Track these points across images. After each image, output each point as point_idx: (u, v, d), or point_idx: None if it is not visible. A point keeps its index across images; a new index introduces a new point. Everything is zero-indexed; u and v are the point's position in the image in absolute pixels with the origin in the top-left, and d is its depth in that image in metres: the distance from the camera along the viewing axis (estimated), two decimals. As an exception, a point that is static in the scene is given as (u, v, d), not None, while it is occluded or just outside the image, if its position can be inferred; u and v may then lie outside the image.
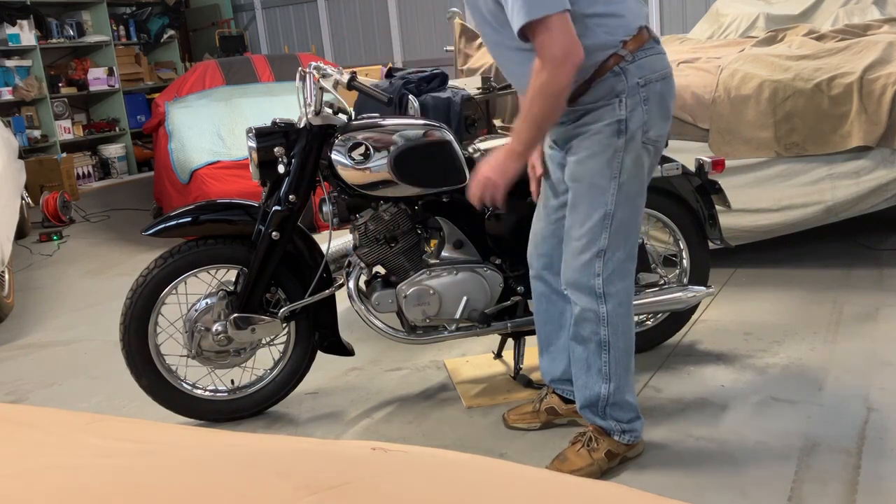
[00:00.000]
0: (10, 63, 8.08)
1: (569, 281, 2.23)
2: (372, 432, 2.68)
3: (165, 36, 9.84)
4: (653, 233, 3.23)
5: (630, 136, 2.09)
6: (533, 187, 2.48)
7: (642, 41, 2.11)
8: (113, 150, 8.91)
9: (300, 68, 2.67)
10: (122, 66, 9.19)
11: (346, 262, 2.79)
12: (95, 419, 1.17)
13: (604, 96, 2.09)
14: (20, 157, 6.35)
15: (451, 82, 4.32)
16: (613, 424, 2.28)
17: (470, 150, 2.80)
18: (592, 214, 2.14)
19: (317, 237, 2.78)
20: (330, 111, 2.65)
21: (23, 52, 8.19)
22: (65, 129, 8.54)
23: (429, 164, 2.62)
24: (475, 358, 3.17)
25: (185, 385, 2.76)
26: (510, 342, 2.96)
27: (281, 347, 2.81)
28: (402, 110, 3.75)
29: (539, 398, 2.62)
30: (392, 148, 2.57)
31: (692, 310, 3.03)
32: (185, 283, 2.68)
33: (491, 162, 2.17)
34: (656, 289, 2.89)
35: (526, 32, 1.99)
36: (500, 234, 2.75)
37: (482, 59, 4.88)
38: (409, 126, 2.63)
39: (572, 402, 2.47)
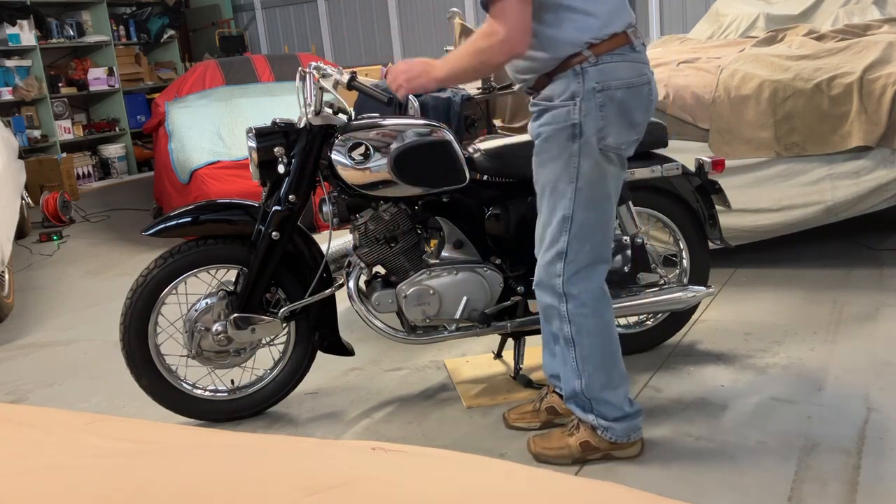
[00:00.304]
0: (10, 63, 8.08)
1: (536, 278, 2.31)
2: (372, 432, 2.67)
3: (165, 36, 9.84)
4: (653, 233, 3.23)
5: (584, 141, 2.11)
6: None
7: (613, 46, 2.10)
8: (113, 150, 8.91)
9: (300, 68, 2.67)
10: (122, 66, 9.20)
11: (346, 262, 2.79)
12: (95, 419, 1.17)
13: (560, 95, 2.12)
14: (20, 157, 6.36)
15: (450, 82, 4.31)
16: (593, 419, 2.31)
17: (470, 150, 2.80)
18: (553, 217, 2.20)
19: (317, 237, 2.78)
20: (330, 111, 2.65)
21: (23, 52, 8.19)
22: (65, 129, 8.55)
23: (429, 164, 2.62)
24: (475, 358, 3.17)
25: (185, 385, 2.76)
26: (510, 342, 2.96)
27: (281, 347, 2.81)
28: (402, 110, 3.75)
29: (539, 397, 2.62)
30: (392, 148, 2.57)
31: (692, 310, 3.03)
32: (185, 283, 2.68)
33: (412, 63, 2.26)
34: (656, 289, 2.88)
35: (487, 4, 2.05)
36: (500, 234, 2.75)
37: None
38: (409, 126, 2.63)
39: None
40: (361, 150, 2.57)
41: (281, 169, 2.60)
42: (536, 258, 2.49)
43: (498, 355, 3.13)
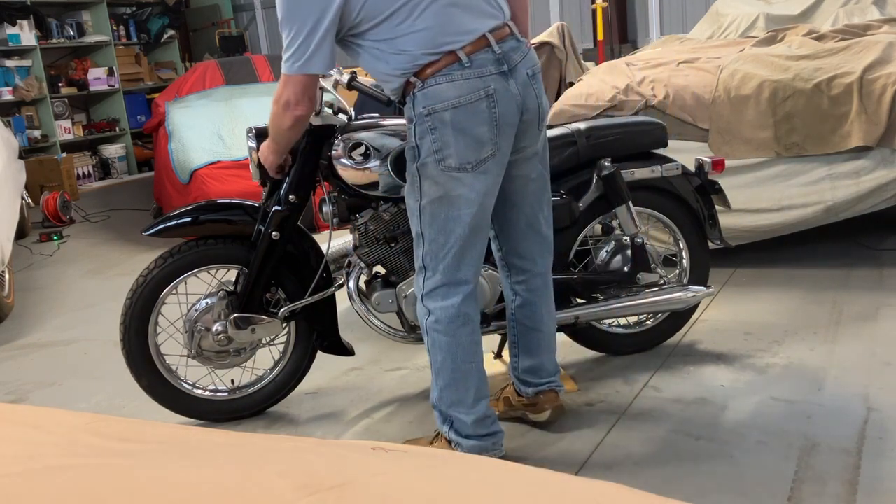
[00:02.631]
0: (10, 63, 8.08)
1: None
2: (372, 432, 2.67)
3: (165, 36, 9.84)
4: (653, 233, 3.23)
5: (422, 163, 2.12)
6: None
7: (439, 67, 2.06)
8: (113, 150, 8.91)
9: (300, 68, 2.66)
10: (122, 66, 9.19)
11: (346, 262, 2.79)
12: (95, 419, 1.17)
13: (408, 117, 2.16)
14: (20, 157, 6.35)
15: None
16: (446, 430, 2.31)
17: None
18: (412, 232, 2.25)
19: (317, 237, 2.78)
20: (330, 111, 2.65)
21: (23, 52, 8.19)
22: (65, 129, 8.54)
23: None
24: (475, 358, 3.17)
25: (185, 385, 2.76)
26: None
27: (281, 347, 2.81)
28: (401, 110, 3.75)
29: (502, 387, 2.68)
30: (392, 148, 2.57)
31: (692, 310, 3.03)
32: (185, 283, 2.68)
33: (265, 143, 2.43)
34: (656, 289, 2.88)
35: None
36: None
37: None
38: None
39: (521, 396, 2.57)
40: (361, 150, 2.57)
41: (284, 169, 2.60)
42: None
43: (498, 355, 3.12)
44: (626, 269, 2.87)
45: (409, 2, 2.03)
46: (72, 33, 8.75)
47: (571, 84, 4.32)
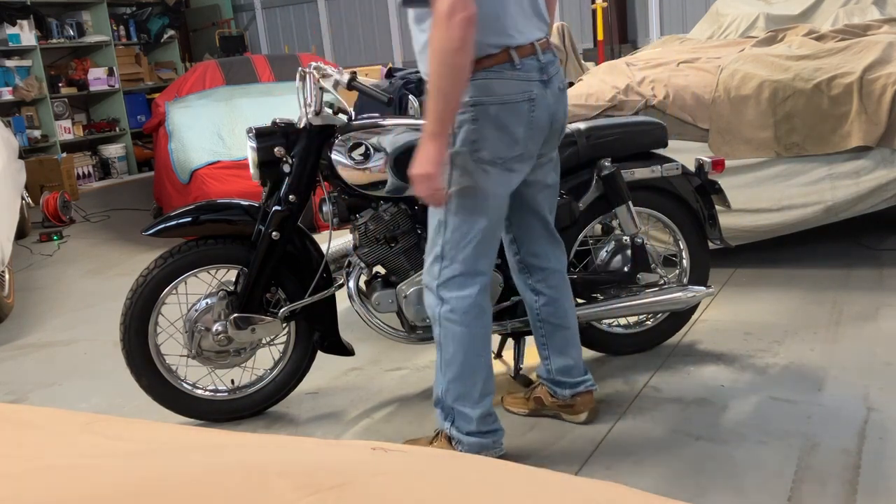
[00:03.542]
0: (10, 63, 8.09)
1: (423, 280, 2.32)
2: (372, 432, 2.68)
3: (165, 36, 9.84)
4: (653, 233, 3.23)
5: (456, 151, 2.13)
6: None
7: (491, 63, 2.10)
8: (113, 150, 8.91)
9: (300, 68, 2.67)
10: (122, 66, 9.20)
11: (346, 262, 2.79)
12: (95, 419, 1.17)
13: None
14: (20, 157, 6.36)
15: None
16: (448, 427, 2.31)
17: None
18: (433, 220, 2.25)
19: (317, 237, 2.78)
20: (330, 111, 2.65)
21: (23, 52, 8.19)
22: (65, 129, 8.55)
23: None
24: (475, 358, 3.17)
25: (185, 385, 2.76)
26: (510, 342, 2.97)
27: (281, 347, 2.82)
28: (402, 110, 3.75)
29: (532, 387, 2.69)
30: (392, 148, 2.57)
31: (692, 310, 3.04)
32: (185, 283, 2.68)
33: (417, 157, 2.07)
34: (656, 289, 2.88)
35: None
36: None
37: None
38: (409, 126, 2.63)
39: (555, 397, 2.59)
40: (361, 150, 2.57)
41: (287, 168, 2.60)
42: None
43: (498, 355, 3.12)
44: (626, 269, 2.87)
45: None
46: (72, 33, 8.75)
47: (571, 84, 4.32)
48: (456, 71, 1.97)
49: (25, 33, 8.06)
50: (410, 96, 3.86)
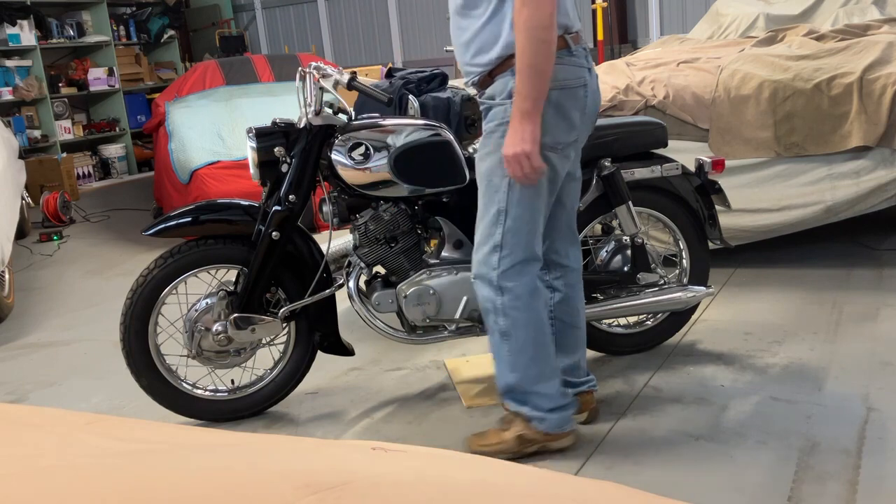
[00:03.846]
0: (10, 63, 8.09)
1: (474, 273, 2.33)
2: (372, 432, 2.68)
3: (165, 36, 9.84)
4: (653, 233, 3.23)
5: None
6: None
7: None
8: (113, 150, 8.92)
9: (300, 68, 2.67)
10: (122, 66, 9.20)
11: (346, 262, 2.79)
12: (95, 419, 1.17)
13: (499, 93, 2.18)
14: (20, 157, 6.36)
15: (451, 82, 4.31)
16: (528, 410, 2.35)
17: (470, 150, 2.80)
18: (489, 210, 2.25)
19: (317, 237, 2.78)
20: (330, 111, 2.65)
21: (23, 52, 8.19)
22: (65, 129, 8.55)
23: (429, 164, 2.62)
24: (475, 358, 3.17)
25: (185, 385, 2.76)
26: (510, 342, 2.96)
27: (281, 347, 2.81)
28: (402, 110, 3.75)
29: None
30: (392, 148, 2.57)
31: (692, 310, 3.03)
32: (185, 283, 2.68)
33: (510, 138, 2.10)
34: (656, 289, 2.88)
35: None
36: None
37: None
38: (409, 126, 2.63)
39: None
40: (361, 150, 2.57)
41: (284, 168, 2.60)
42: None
43: (498, 355, 3.12)
44: (626, 269, 2.87)
45: None
46: (72, 33, 8.75)
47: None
48: (549, 46, 2.02)
49: (25, 33, 8.06)
50: (410, 96, 3.86)
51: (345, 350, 2.79)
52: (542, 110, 2.11)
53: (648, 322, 3.07)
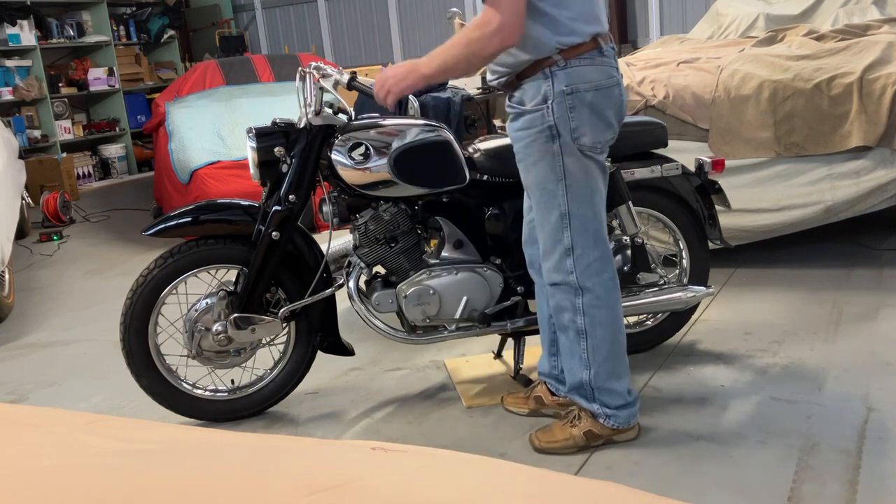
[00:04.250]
0: (10, 63, 8.09)
1: (546, 277, 2.35)
2: (372, 432, 2.68)
3: (165, 36, 9.84)
4: (653, 233, 3.23)
5: (563, 141, 2.19)
6: None
7: (582, 51, 2.16)
8: (113, 150, 8.91)
9: (300, 68, 2.67)
10: (122, 66, 9.20)
11: (346, 262, 2.79)
12: (95, 419, 1.17)
13: (532, 99, 2.19)
14: (20, 157, 6.36)
15: (451, 82, 4.32)
16: (598, 408, 2.38)
17: (470, 150, 2.80)
18: (549, 217, 2.26)
19: (317, 237, 2.78)
20: (330, 111, 2.65)
21: (23, 52, 8.19)
22: (65, 129, 8.55)
23: (429, 164, 2.62)
24: (475, 358, 3.17)
25: (185, 385, 2.76)
26: (510, 342, 2.97)
27: (281, 347, 2.81)
28: (402, 110, 3.76)
29: (532, 386, 2.71)
30: (392, 148, 2.57)
31: (692, 310, 3.03)
32: (185, 283, 2.68)
33: (397, 68, 2.23)
34: (656, 289, 2.88)
35: None
36: (500, 234, 2.75)
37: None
38: (409, 126, 2.63)
39: (556, 395, 2.61)
40: (361, 150, 2.57)
41: (284, 168, 2.60)
42: (525, 252, 2.59)
43: (498, 355, 3.13)
44: (626, 269, 2.87)
45: None
46: (72, 33, 8.75)
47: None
48: (471, 66, 2.16)
49: (25, 33, 8.06)
50: (410, 96, 3.86)
51: (345, 350, 2.79)
52: (577, 112, 2.15)
53: (648, 322, 3.07)
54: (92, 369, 3.45)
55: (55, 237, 5.99)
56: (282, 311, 2.69)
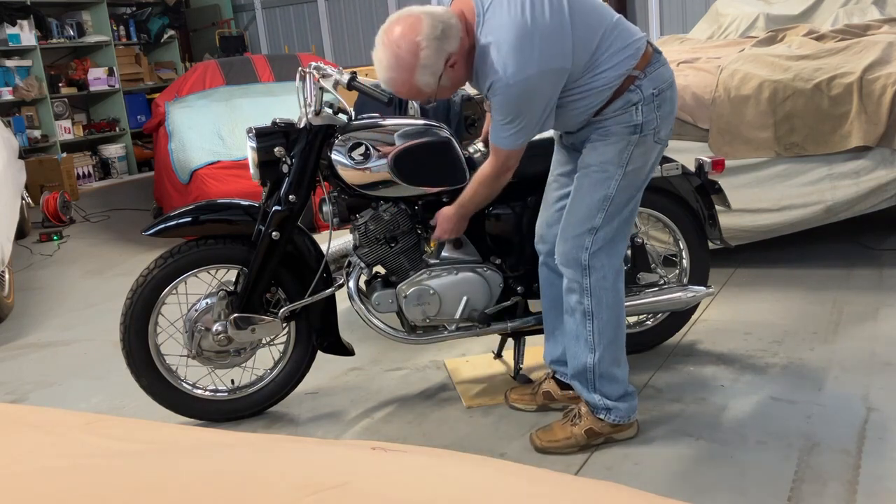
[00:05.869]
0: (10, 63, 8.08)
1: (560, 254, 2.39)
2: (372, 432, 2.68)
3: (165, 36, 9.84)
4: (653, 233, 3.23)
5: (643, 135, 2.27)
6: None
7: (649, 57, 2.27)
8: (113, 150, 8.91)
9: (300, 68, 2.67)
10: (122, 66, 9.19)
11: (346, 262, 2.79)
12: (95, 419, 1.17)
13: (622, 107, 2.26)
14: (20, 157, 6.35)
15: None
16: (598, 399, 2.39)
17: (470, 150, 2.80)
18: (594, 195, 2.30)
19: (317, 237, 2.78)
20: (330, 111, 2.65)
21: (23, 52, 8.19)
22: (65, 129, 8.55)
23: (429, 164, 2.62)
24: (475, 358, 3.17)
25: (185, 385, 2.76)
26: (510, 342, 2.96)
27: (281, 347, 2.81)
28: (402, 110, 3.75)
29: (538, 382, 2.70)
30: (392, 148, 2.57)
31: (692, 310, 3.03)
32: (185, 283, 2.68)
33: (448, 214, 2.53)
34: (656, 289, 2.88)
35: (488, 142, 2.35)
36: (500, 234, 2.75)
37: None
38: (409, 126, 2.63)
39: (569, 387, 2.59)
40: (361, 150, 2.57)
41: (285, 168, 2.60)
42: (536, 245, 2.60)
43: (498, 355, 3.13)
44: (626, 268, 2.87)
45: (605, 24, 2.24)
46: (72, 33, 8.75)
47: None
48: (491, 197, 2.46)
49: (25, 33, 8.06)
50: (410, 96, 3.85)
51: (345, 350, 2.79)
52: (663, 110, 2.26)
53: (648, 322, 3.07)
54: (92, 369, 3.45)
55: (55, 237, 5.99)
56: (282, 311, 2.69)
